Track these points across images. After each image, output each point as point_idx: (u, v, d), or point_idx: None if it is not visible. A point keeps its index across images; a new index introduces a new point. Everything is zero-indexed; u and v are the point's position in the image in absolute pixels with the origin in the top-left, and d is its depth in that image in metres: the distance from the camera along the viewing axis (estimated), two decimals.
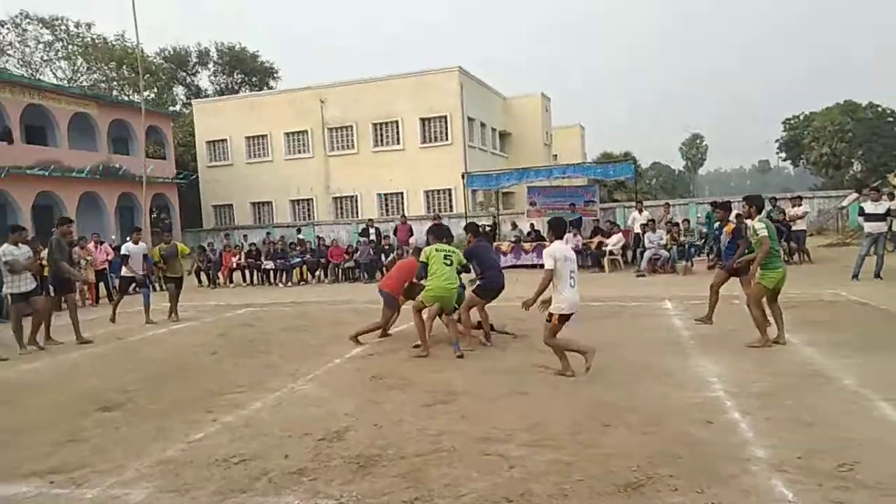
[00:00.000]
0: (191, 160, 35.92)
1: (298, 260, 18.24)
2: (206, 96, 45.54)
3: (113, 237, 24.68)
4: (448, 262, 7.54)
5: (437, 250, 7.61)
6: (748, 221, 7.73)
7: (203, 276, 18.29)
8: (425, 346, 7.46)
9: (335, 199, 33.75)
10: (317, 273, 18.21)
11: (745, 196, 7.92)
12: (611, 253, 16.35)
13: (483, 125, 34.89)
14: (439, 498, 3.64)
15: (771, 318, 7.14)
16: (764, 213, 14.96)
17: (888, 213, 11.71)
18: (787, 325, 7.68)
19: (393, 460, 4.24)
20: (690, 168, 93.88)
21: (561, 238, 6.41)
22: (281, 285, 17.49)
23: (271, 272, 18.07)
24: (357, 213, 32.76)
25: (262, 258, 18.53)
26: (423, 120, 31.98)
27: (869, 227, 12.18)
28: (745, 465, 3.86)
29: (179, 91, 49.10)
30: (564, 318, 6.02)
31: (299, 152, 34.27)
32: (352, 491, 3.80)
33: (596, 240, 17.08)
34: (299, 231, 24.37)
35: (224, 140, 35.53)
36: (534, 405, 5.27)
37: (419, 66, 42.49)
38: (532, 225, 20.21)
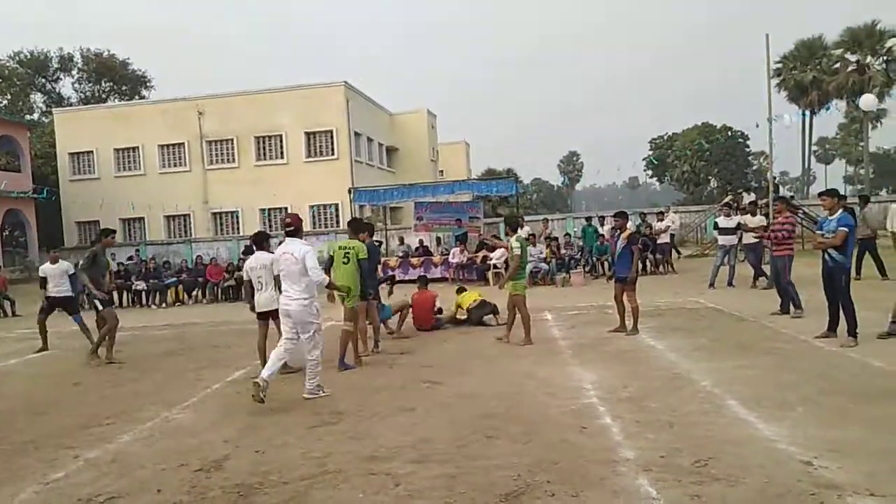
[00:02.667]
0: (51, 173, 33.09)
1: (173, 280, 17.26)
2: (70, 105, 42.23)
3: None
4: (346, 259, 7.49)
5: (339, 247, 7.62)
6: (509, 239, 8.63)
7: None
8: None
9: (214, 214, 32.32)
10: (194, 293, 17.31)
11: (506, 217, 8.65)
12: (495, 266, 16.84)
13: (370, 140, 34.89)
14: None
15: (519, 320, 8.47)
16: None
17: (738, 226, 12.94)
18: (653, 332, 8.37)
19: (275, 486, 4.12)
20: (568, 184, 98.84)
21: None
22: (154, 307, 16.46)
23: (143, 293, 16.96)
24: (238, 229, 31.57)
25: (133, 278, 17.34)
26: (308, 134, 31.48)
27: (722, 239, 13.41)
28: (615, 466, 4.11)
29: (38, 99, 45.20)
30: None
31: (175, 166, 32.56)
32: None
33: (481, 254, 17.52)
34: (138, 251, 22.96)
35: (90, 152, 33.08)
36: (421, 421, 5.31)
37: (300, 79, 41.87)
38: (420, 240, 20.43)
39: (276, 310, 6.99)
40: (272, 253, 7.28)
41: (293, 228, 6.37)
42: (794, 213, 18.90)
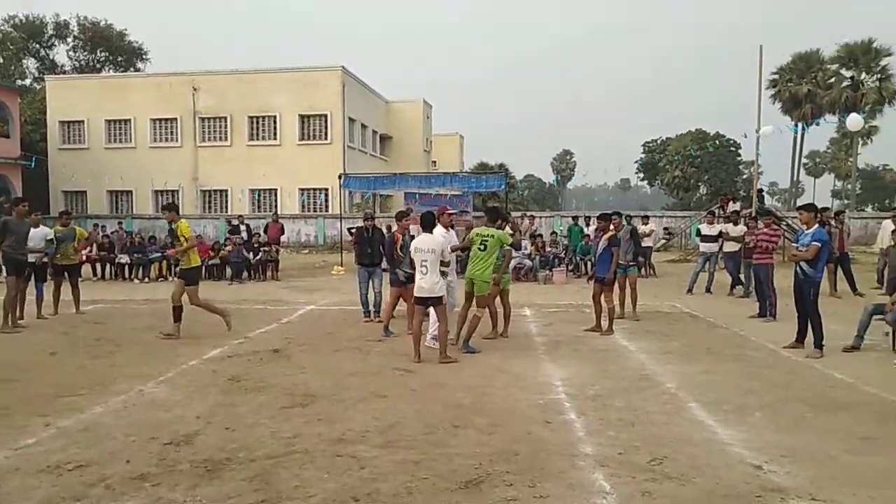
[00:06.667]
0: (40, 140, 32.75)
1: (158, 255, 17.21)
2: (63, 73, 41.74)
3: None
4: (482, 247, 7.67)
5: (476, 234, 7.81)
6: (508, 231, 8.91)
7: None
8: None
9: (203, 191, 32.18)
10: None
11: (495, 209, 8.83)
12: None
13: (364, 126, 34.82)
14: (287, 500, 3.69)
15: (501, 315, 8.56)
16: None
17: (720, 235, 13.12)
18: (627, 333, 8.55)
19: (242, 463, 4.21)
20: (560, 182, 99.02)
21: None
22: (137, 281, 16.43)
23: (126, 267, 16.92)
24: (226, 208, 31.46)
25: (116, 251, 17.28)
26: (302, 117, 31.38)
27: (703, 246, 13.61)
28: (574, 461, 4.25)
29: (31, 64, 44.61)
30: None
31: (166, 140, 32.35)
32: (196, 496, 3.74)
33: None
34: (120, 223, 22.30)
35: (81, 122, 32.79)
36: (391, 408, 5.42)
37: (298, 62, 41.66)
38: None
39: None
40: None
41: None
42: (779, 226, 19.19)
